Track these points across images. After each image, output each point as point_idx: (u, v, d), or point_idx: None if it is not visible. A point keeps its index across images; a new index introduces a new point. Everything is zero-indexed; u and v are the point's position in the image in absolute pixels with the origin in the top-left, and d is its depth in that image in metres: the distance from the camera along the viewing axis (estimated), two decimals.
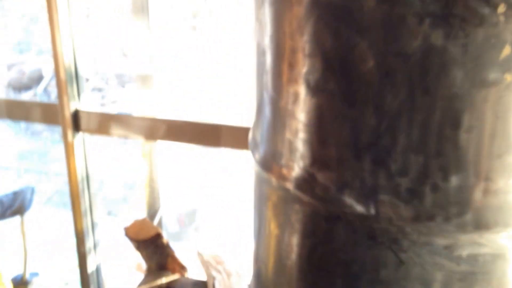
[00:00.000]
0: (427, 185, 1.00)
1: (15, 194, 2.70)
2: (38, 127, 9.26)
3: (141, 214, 2.69)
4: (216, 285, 1.82)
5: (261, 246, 1.40)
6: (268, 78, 1.18)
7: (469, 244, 1.04)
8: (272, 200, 1.27)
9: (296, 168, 1.14)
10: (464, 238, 1.03)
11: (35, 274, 2.89)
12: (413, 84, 0.94)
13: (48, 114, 2.56)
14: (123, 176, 6.64)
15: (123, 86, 9.32)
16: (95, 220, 2.77)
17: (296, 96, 1.09)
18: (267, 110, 1.22)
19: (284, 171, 1.18)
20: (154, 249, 2.02)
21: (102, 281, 2.86)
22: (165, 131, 2.41)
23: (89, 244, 2.72)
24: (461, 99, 0.93)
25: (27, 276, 2.70)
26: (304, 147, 1.12)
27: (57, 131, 8.60)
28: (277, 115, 1.17)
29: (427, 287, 1.08)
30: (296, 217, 1.19)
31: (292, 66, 1.07)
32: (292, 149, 1.15)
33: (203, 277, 2.05)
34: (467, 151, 0.97)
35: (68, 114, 2.46)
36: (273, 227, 1.29)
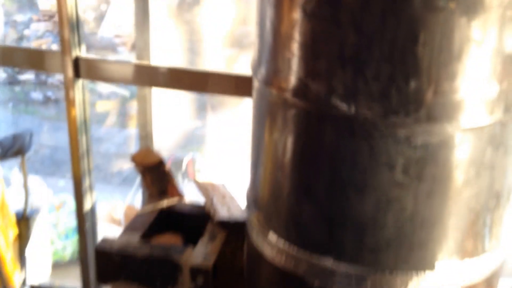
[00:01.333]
0: (393, 87, 1.41)
1: (15, 137, 3.03)
2: None
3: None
4: (214, 201, 2.22)
5: (261, 153, 1.80)
6: (271, 9, 1.57)
7: (423, 134, 1.45)
8: (272, 110, 1.67)
9: (293, 80, 1.54)
10: (419, 129, 1.45)
11: (36, 210, 3.24)
12: (384, 10, 1.35)
13: (51, 61, 2.88)
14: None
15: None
16: (91, 163, 3.13)
17: (294, 22, 1.49)
18: (269, 36, 1.61)
19: (283, 84, 1.58)
20: (157, 175, 2.40)
21: (96, 218, 3.23)
22: (160, 78, 2.76)
23: (85, 185, 3.08)
24: (419, 21, 1.34)
25: (28, 211, 3.05)
26: (300, 63, 1.52)
27: None
28: (278, 39, 1.57)
29: (392, 169, 1.50)
30: (293, 120, 1.59)
31: None
32: (290, 66, 1.54)
33: (198, 202, 2.43)
34: (422, 61, 1.38)
35: (69, 61, 2.81)
36: (272, 133, 1.69)
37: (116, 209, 5.31)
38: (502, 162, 1.57)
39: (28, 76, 10.86)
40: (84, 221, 3.14)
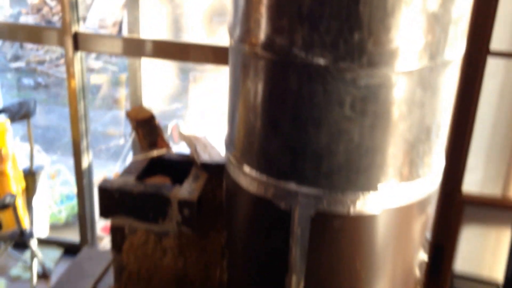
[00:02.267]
0: (341, 39, 1.66)
1: (21, 103, 3.23)
2: None
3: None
4: (198, 149, 2.46)
5: (237, 101, 2.04)
6: None
7: (365, 77, 1.70)
8: (245, 63, 1.91)
9: (262, 36, 1.78)
10: (362, 72, 1.70)
11: (40, 167, 3.44)
12: None
13: (51, 36, 3.08)
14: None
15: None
16: (88, 126, 3.34)
17: None
18: (242, 2, 1.85)
19: (254, 40, 1.81)
20: (149, 129, 2.63)
21: (92, 175, 3.45)
22: (148, 49, 2.98)
23: (83, 145, 3.29)
24: None
25: (34, 167, 3.26)
26: (267, 22, 1.76)
27: None
28: (249, 4, 1.81)
29: (342, 106, 1.75)
30: (262, 70, 1.84)
31: None
32: (259, 25, 1.78)
33: (183, 152, 2.67)
34: (363, 18, 1.63)
35: (69, 36, 3.00)
36: (245, 82, 1.93)
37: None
38: (430, 102, 1.82)
39: (20, 64, 10.95)
40: (82, 178, 3.35)
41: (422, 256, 2.14)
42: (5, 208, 2.47)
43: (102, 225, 4.25)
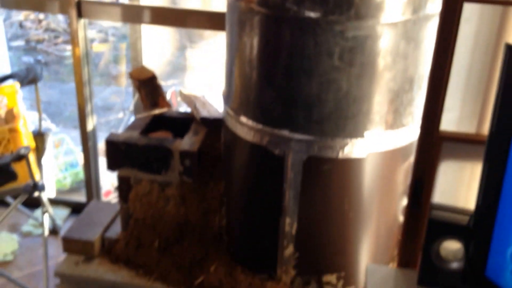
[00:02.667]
0: None
1: (28, 69, 3.30)
2: None
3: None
4: (197, 106, 2.55)
5: (234, 57, 2.13)
6: None
7: (353, 29, 1.79)
8: (241, 19, 1.99)
9: None
10: (350, 25, 1.79)
11: (48, 129, 3.53)
12: None
13: (57, 5, 3.14)
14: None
15: None
16: (92, 92, 3.42)
17: None
18: None
19: None
20: (151, 89, 2.71)
21: (97, 138, 3.53)
22: (148, 16, 3.05)
23: (87, 109, 3.38)
24: None
25: (42, 129, 3.35)
26: None
27: None
28: None
29: (331, 57, 1.84)
30: (257, 24, 1.92)
31: None
32: None
33: (183, 110, 2.76)
34: None
35: (73, 3, 3.08)
36: (242, 37, 2.01)
37: None
38: (413, 54, 1.92)
39: (19, 42, 10.94)
40: (87, 139, 3.44)
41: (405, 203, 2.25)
42: (21, 159, 2.56)
43: (104, 190, 4.35)
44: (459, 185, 1.65)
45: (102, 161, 3.90)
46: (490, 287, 1.35)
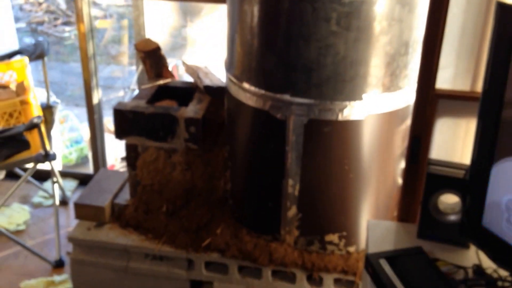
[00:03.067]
0: None
1: (35, 45, 3.34)
2: None
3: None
4: (200, 75, 2.59)
5: (235, 26, 2.17)
6: None
7: None
8: None
9: None
10: None
11: (56, 102, 3.58)
12: None
13: None
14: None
15: None
16: (97, 66, 3.46)
17: None
18: None
19: None
20: (155, 60, 2.75)
21: (102, 111, 3.58)
22: None
23: (93, 83, 3.42)
24: None
25: (50, 102, 3.40)
26: None
27: None
28: None
29: (328, 22, 1.88)
30: None
31: None
32: None
33: (186, 80, 2.80)
34: None
35: None
36: (243, 6, 2.05)
37: (110, 122, 5.68)
38: (408, 18, 1.96)
39: (21, 24, 10.93)
40: (93, 113, 3.50)
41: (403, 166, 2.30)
42: (33, 128, 2.63)
43: (108, 165, 4.41)
44: (455, 141, 1.70)
45: (107, 137, 3.97)
46: (487, 236, 1.40)
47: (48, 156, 2.79)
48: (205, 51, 3.60)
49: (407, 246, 1.62)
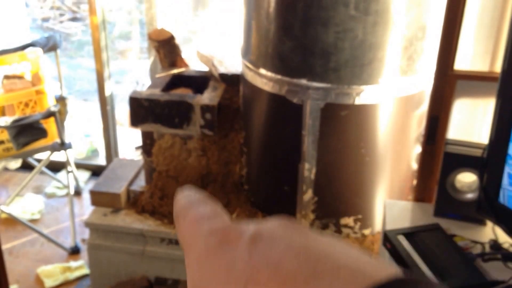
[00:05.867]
0: None
1: (48, 38, 3.36)
2: None
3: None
4: (215, 63, 2.60)
5: (251, 12, 2.18)
6: None
7: None
8: None
9: None
10: None
11: (68, 94, 3.60)
12: None
13: None
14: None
15: None
16: (109, 57, 3.47)
17: None
18: None
19: None
20: (169, 49, 2.76)
21: (114, 103, 3.60)
22: None
23: (106, 74, 3.43)
24: None
25: (64, 94, 3.41)
26: None
27: None
28: None
29: (347, 6, 1.88)
30: None
31: None
32: None
33: (200, 69, 2.81)
34: None
35: None
36: None
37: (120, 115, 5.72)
38: (425, 2, 1.97)
39: (26, 21, 10.96)
40: (106, 104, 3.51)
41: (418, 151, 2.31)
42: (50, 116, 2.64)
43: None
44: (472, 122, 1.71)
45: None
46: (504, 212, 1.41)
47: (64, 145, 2.81)
48: (216, 40, 3.61)
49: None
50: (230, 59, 2.74)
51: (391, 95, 2.06)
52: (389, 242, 1.54)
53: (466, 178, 1.67)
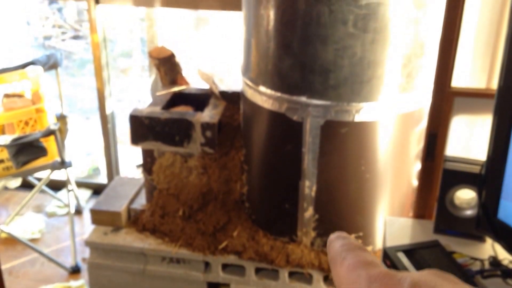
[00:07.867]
0: None
1: (48, 56, 3.41)
2: None
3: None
4: (215, 81, 2.64)
5: (251, 30, 2.22)
6: None
7: None
8: None
9: None
10: None
11: (68, 113, 3.64)
12: None
13: None
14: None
15: None
16: (110, 76, 3.52)
17: None
18: None
19: None
20: (170, 67, 2.81)
21: (115, 121, 3.63)
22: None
23: (106, 92, 3.48)
24: None
25: (64, 113, 3.45)
26: None
27: None
28: None
29: (345, 24, 1.94)
30: None
31: None
32: None
33: (201, 87, 2.85)
34: None
35: None
36: (259, 10, 2.10)
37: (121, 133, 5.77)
38: (424, 19, 2.00)
39: (28, 39, 11.05)
40: (107, 122, 3.55)
41: (418, 168, 2.34)
42: (50, 135, 2.68)
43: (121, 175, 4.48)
44: (470, 138, 1.74)
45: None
46: (503, 228, 1.44)
47: (64, 163, 2.84)
48: (216, 58, 3.67)
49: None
50: (231, 76, 2.78)
51: (391, 112, 2.09)
52: (388, 259, 1.56)
53: (465, 195, 1.70)
